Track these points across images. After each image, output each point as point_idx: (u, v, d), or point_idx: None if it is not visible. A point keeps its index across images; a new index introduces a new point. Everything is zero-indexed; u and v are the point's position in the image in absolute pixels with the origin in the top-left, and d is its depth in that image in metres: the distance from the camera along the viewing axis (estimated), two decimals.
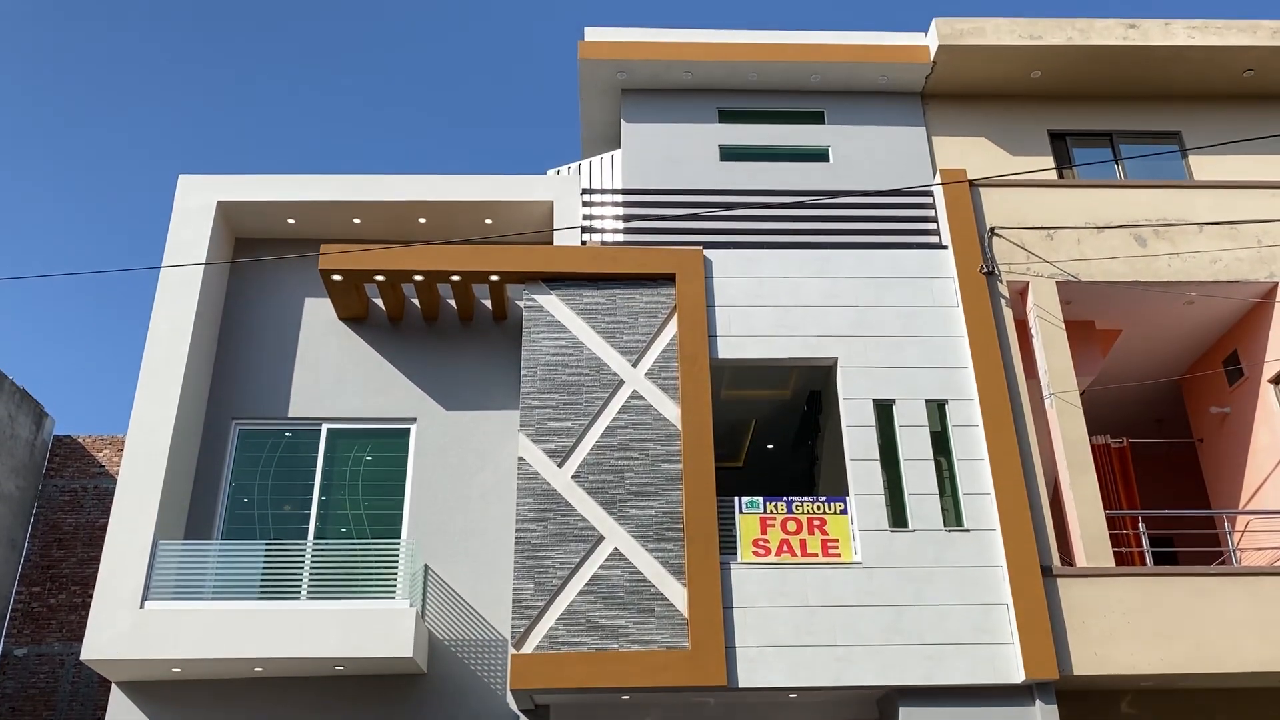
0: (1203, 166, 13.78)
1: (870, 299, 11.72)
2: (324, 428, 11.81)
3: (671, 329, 11.51)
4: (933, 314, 11.66)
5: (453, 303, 12.31)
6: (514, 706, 10.58)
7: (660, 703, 10.66)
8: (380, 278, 11.54)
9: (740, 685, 9.95)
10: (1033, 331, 11.71)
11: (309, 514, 11.43)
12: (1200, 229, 12.09)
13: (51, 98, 38.48)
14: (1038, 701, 10.01)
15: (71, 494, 16.87)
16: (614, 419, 11.09)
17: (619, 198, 12.78)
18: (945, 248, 12.03)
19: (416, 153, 44.52)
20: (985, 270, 11.70)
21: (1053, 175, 13.65)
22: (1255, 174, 13.56)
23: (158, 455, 10.76)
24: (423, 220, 12.49)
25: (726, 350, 11.45)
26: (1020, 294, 11.93)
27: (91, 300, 41.84)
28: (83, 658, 9.86)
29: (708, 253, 11.87)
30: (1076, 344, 12.05)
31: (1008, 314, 11.62)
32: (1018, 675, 9.96)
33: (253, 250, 12.67)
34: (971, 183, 12.24)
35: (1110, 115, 14.25)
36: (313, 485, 11.56)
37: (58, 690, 15.59)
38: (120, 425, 24.97)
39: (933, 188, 12.46)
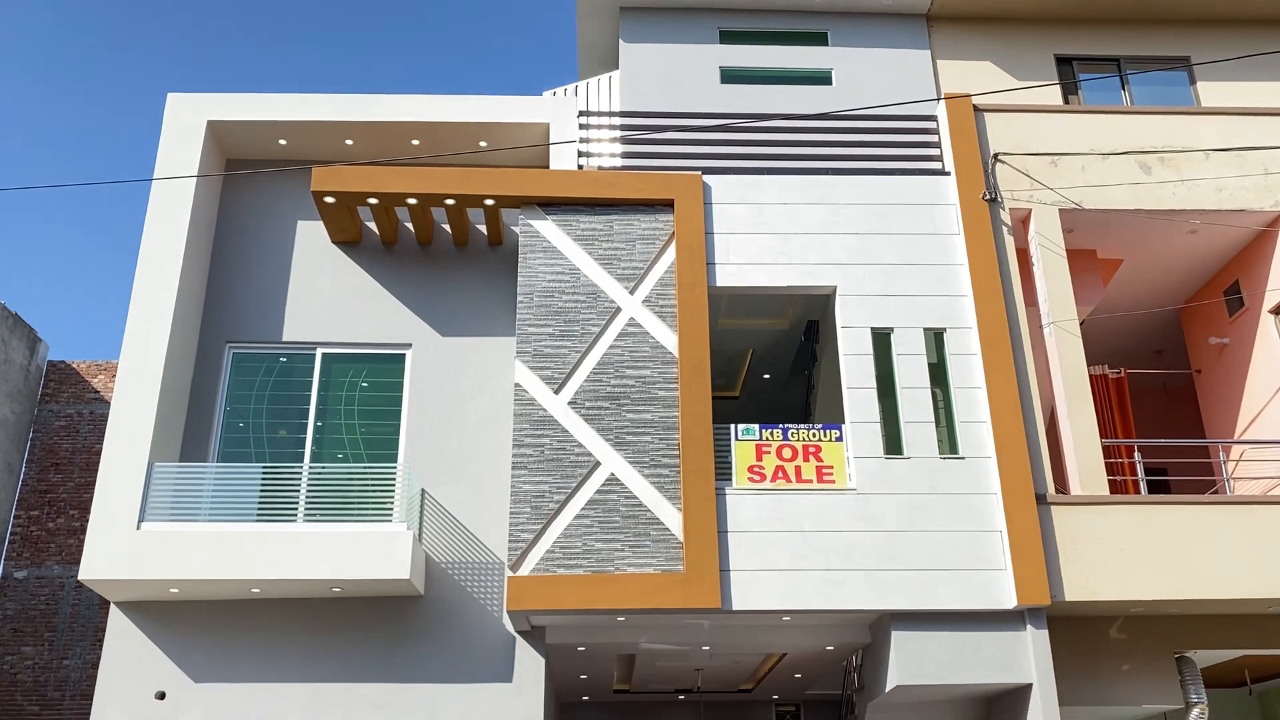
0: (1211, 93, 13.54)
1: (871, 226, 11.58)
2: (318, 352, 11.74)
3: (669, 256, 11.38)
4: (933, 241, 11.53)
5: (447, 227, 12.15)
6: (511, 628, 10.68)
7: (655, 625, 10.77)
8: (373, 200, 11.37)
9: (734, 608, 10.04)
10: (1034, 259, 11.60)
11: (304, 438, 11.42)
12: (1206, 156, 11.91)
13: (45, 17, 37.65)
14: (1029, 626, 10.13)
15: (67, 419, 16.86)
16: (611, 346, 11.02)
17: (617, 120, 12.55)
18: (947, 174, 11.85)
19: (410, 75, 43.75)
20: (988, 197, 11.54)
21: (1058, 101, 13.40)
22: (1264, 101, 13.34)
23: (151, 377, 10.70)
24: (416, 142, 12.27)
25: (725, 278, 11.34)
26: (1022, 222, 11.79)
27: (83, 225, 41.47)
28: (80, 577, 9.92)
29: (707, 178, 11.68)
30: (1077, 272, 11.94)
31: (1009, 241, 11.49)
32: (1009, 601, 10.06)
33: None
34: (976, 107, 12.01)
35: (1118, 40, 13.97)
36: (308, 410, 11.54)
37: (58, 612, 15.76)
38: (115, 352, 24.89)
39: (936, 113, 12.24)
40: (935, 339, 11.18)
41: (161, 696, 10.15)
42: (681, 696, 15.48)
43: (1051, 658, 10.01)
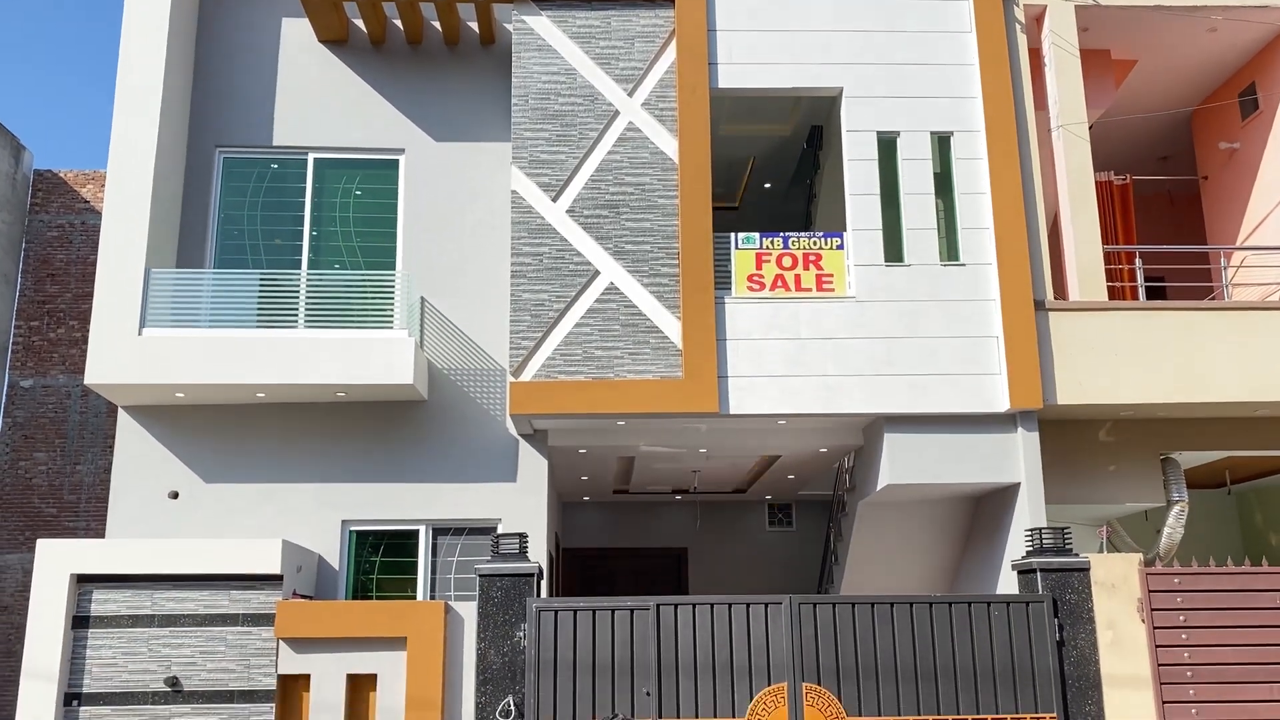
0: None
1: (880, 23, 11.10)
2: (310, 157, 11.46)
3: (670, 55, 10.97)
4: (944, 40, 11.09)
5: (437, 24, 11.64)
6: (513, 431, 10.92)
7: (654, 429, 11.01)
8: None
9: (731, 411, 10.25)
10: (1046, 59, 11.21)
11: (300, 245, 11.32)
12: None
13: None
14: (1020, 429, 10.37)
15: (59, 229, 16.67)
16: (609, 152, 10.78)
17: None
18: None
19: None
20: None
21: None
22: None
23: (141, 183, 10.49)
24: None
25: (727, 79, 10.97)
26: (1036, 20, 11.32)
27: (62, 32, 39.82)
28: (86, 381, 10.03)
29: None
30: (1090, 74, 11.56)
31: (1021, 41, 11.07)
32: (1003, 404, 10.26)
33: None
34: None
35: None
36: (303, 218, 11.38)
37: (67, 419, 16.05)
38: (103, 162, 24.36)
39: None
40: (941, 143, 10.93)
41: (175, 496, 10.47)
42: (678, 497, 16.05)
43: (1040, 459, 10.30)
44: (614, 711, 8.15)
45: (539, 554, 10.22)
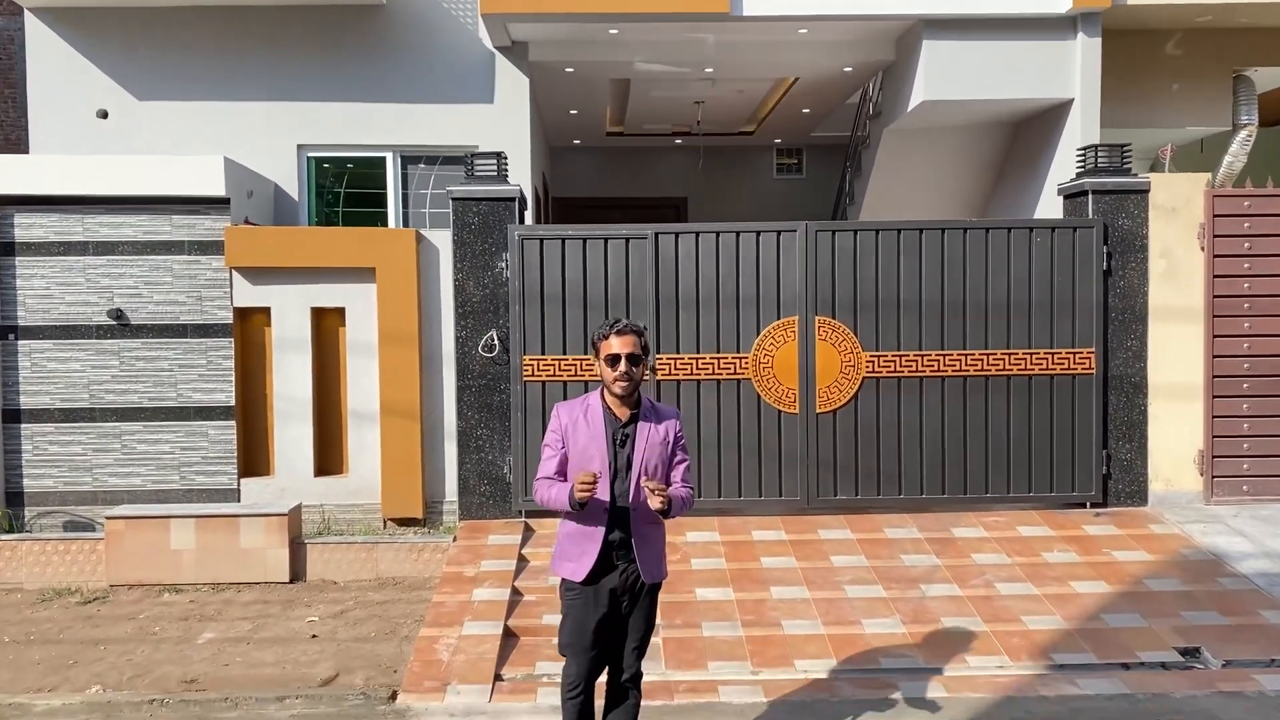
0: None
1: None
2: None
3: None
4: None
5: None
6: (488, 43, 9.43)
7: (652, 40, 9.49)
8: None
9: (745, 13, 8.70)
10: None
11: None
12: None
13: None
14: (1080, 34, 8.87)
15: None
16: None
17: None
18: None
19: None
20: None
21: None
22: None
23: None
24: None
25: None
26: None
27: None
28: None
29: None
30: None
31: None
32: (1063, 3, 8.69)
33: None
34: None
35: None
36: None
37: None
38: None
39: None
40: None
41: (104, 115, 9.17)
42: (678, 141, 14.71)
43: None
44: None
45: (522, 183, 9.08)
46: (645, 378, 3.99)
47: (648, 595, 3.91)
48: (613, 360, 3.78)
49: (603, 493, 3.75)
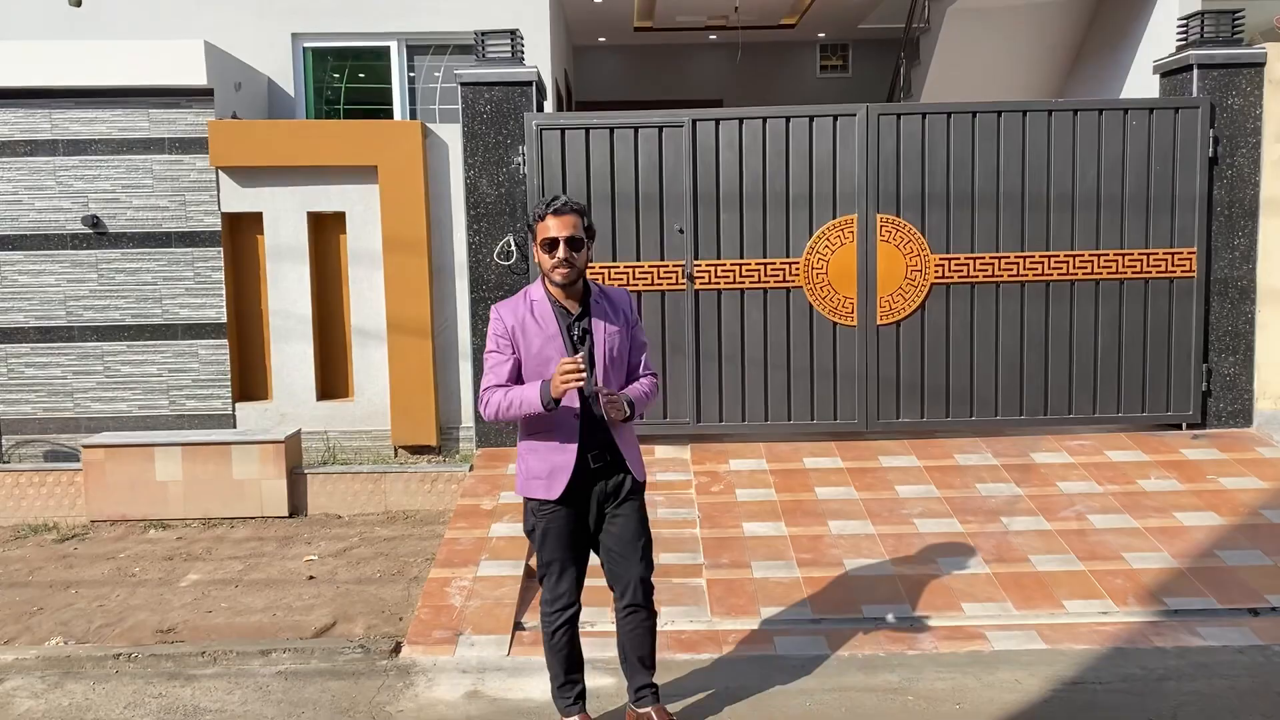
0: None
1: None
2: None
3: None
4: None
5: None
6: None
7: None
8: None
9: None
10: None
11: None
12: None
13: None
14: None
15: None
16: None
17: None
18: None
19: None
20: None
21: None
22: None
23: None
24: None
25: None
26: None
27: None
28: None
29: None
30: None
31: None
32: None
33: None
34: None
35: None
36: None
37: None
38: None
39: None
40: None
41: (77, 4, 8.23)
42: (713, 36, 13.60)
43: None
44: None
45: (542, 74, 8.11)
46: (590, 264, 3.61)
47: (637, 496, 3.50)
48: (550, 245, 3.27)
49: (571, 399, 3.27)
